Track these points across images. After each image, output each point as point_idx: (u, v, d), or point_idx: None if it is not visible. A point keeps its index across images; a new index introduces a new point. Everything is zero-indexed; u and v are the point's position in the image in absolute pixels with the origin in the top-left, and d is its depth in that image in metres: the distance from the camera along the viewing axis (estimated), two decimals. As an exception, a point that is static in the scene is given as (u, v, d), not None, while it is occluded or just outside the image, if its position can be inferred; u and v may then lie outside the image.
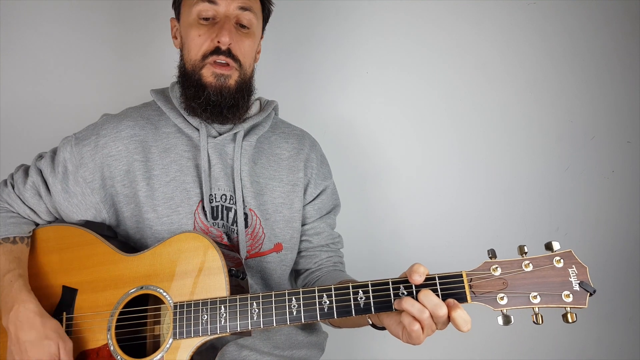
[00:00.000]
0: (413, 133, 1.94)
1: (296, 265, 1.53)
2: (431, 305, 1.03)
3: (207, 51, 1.34)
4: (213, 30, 1.34)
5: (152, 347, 1.28)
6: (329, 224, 1.53)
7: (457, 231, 1.92)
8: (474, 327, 1.05)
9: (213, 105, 1.35)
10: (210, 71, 1.34)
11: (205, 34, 1.34)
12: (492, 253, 1.07)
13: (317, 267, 1.50)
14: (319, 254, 1.51)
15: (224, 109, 1.35)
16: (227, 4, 1.35)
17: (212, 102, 1.34)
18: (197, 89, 1.34)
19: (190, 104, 1.37)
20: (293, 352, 1.43)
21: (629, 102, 1.96)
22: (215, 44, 1.33)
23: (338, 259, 1.54)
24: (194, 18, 1.36)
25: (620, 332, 1.95)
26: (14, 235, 1.34)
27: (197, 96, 1.34)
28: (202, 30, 1.35)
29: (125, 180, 1.36)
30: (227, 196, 1.38)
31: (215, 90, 1.34)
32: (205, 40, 1.34)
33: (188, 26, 1.37)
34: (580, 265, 1.03)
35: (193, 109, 1.37)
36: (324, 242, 1.51)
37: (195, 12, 1.35)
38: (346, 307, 1.10)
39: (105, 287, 1.27)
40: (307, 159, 1.50)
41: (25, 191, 1.39)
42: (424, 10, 1.94)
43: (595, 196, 1.96)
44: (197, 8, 1.35)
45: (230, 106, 1.36)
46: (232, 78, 1.35)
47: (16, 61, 1.86)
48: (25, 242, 1.36)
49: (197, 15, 1.35)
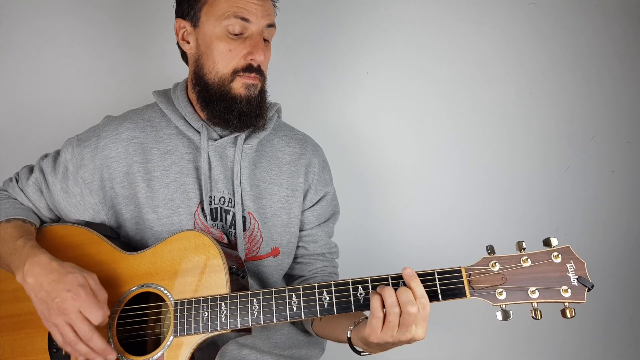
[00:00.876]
0: (413, 132, 1.95)
1: (291, 271, 1.53)
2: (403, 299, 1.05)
3: (239, 67, 1.35)
4: (244, 46, 1.35)
5: (153, 345, 1.28)
6: (326, 232, 1.53)
7: (457, 231, 1.92)
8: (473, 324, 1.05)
9: (244, 116, 1.37)
10: (241, 83, 1.35)
11: (236, 49, 1.34)
12: (490, 249, 1.08)
13: (311, 275, 1.51)
14: (314, 262, 1.51)
15: (252, 118, 1.38)
16: (259, 22, 1.35)
17: (244, 112, 1.36)
18: (229, 102, 1.36)
19: (224, 117, 1.37)
20: (293, 351, 1.43)
21: (629, 102, 1.97)
22: (248, 61, 1.35)
23: (333, 269, 1.54)
24: (222, 31, 1.34)
25: (620, 331, 1.95)
26: (23, 217, 1.36)
27: (231, 109, 1.36)
28: (232, 45, 1.34)
29: (124, 182, 1.37)
30: (226, 199, 1.39)
31: (246, 101, 1.36)
32: (235, 55, 1.35)
33: (216, 38, 1.35)
34: (578, 261, 1.03)
35: (228, 121, 1.37)
36: (320, 250, 1.51)
37: (224, 25, 1.34)
38: (346, 303, 1.11)
39: (106, 285, 1.26)
40: (309, 164, 1.50)
41: (28, 186, 1.41)
42: (423, 10, 1.94)
43: (595, 196, 1.96)
44: (228, 22, 1.34)
45: (257, 115, 1.38)
46: (257, 88, 1.37)
47: (17, 62, 1.87)
48: (33, 227, 1.37)
49: (226, 29, 1.34)
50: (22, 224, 1.34)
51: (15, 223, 1.34)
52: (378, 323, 1.07)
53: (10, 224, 1.33)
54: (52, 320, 1.17)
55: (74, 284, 1.16)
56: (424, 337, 1.08)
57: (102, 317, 1.15)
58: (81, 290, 1.16)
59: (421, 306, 1.06)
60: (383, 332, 1.07)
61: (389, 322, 1.06)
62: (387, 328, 1.07)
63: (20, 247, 1.25)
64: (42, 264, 1.20)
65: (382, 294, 1.07)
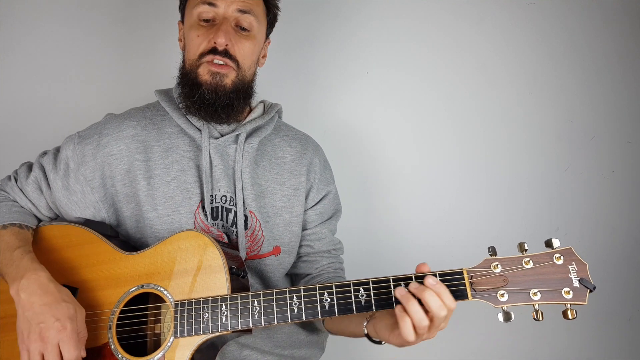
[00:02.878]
0: (413, 132, 1.94)
1: (297, 270, 1.53)
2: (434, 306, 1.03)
3: (204, 51, 1.36)
4: (211, 31, 1.36)
5: (153, 346, 1.28)
6: (330, 229, 1.54)
7: (457, 231, 1.92)
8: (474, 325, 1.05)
9: (207, 104, 1.36)
10: (207, 69, 1.35)
11: (204, 34, 1.36)
12: (492, 250, 1.08)
13: (318, 273, 1.51)
14: (320, 260, 1.51)
15: (218, 108, 1.37)
16: (226, 5, 1.36)
17: (207, 100, 1.35)
18: (191, 87, 1.36)
19: (185, 102, 1.39)
20: (293, 351, 1.43)
21: (629, 102, 1.97)
22: (212, 44, 1.35)
23: (339, 265, 1.54)
24: (194, 20, 1.38)
25: (620, 332, 1.95)
26: (19, 222, 1.35)
27: (192, 94, 1.36)
28: (200, 31, 1.37)
29: (125, 180, 1.37)
30: (227, 197, 1.38)
31: (210, 88, 1.35)
32: (203, 40, 1.36)
33: (189, 27, 1.39)
34: (580, 262, 1.03)
35: (188, 107, 1.39)
36: (325, 248, 1.52)
37: (195, 14, 1.37)
38: (347, 305, 1.11)
39: (105, 285, 1.27)
40: (310, 164, 1.50)
41: (27, 185, 1.40)
42: (423, 10, 1.94)
43: (595, 196, 1.96)
44: (198, 10, 1.37)
45: (225, 106, 1.37)
46: (228, 77, 1.36)
47: (17, 61, 1.86)
48: (30, 231, 1.36)
49: (198, 17, 1.37)
50: (19, 231, 1.33)
51: (12, 230, 1.33)
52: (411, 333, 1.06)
53: (7, 230, 1.32)
54: (27, 343, 1.16)
55: (64, 314, 1.16)
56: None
57: (76, 357, 1.15)
58: (68, 324, 1.16)
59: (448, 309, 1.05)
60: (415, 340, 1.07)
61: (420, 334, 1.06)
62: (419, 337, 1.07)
63: (17, 259, 1.25)
64: (40, 283, 1.20)
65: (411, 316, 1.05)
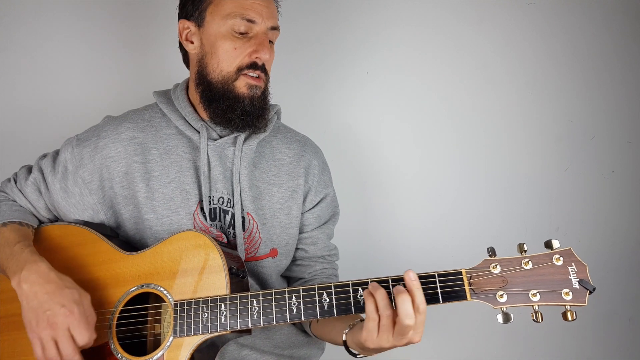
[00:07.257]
0: (413, 132, 1.95)
1: (290, 273, 1.53)
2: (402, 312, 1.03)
3: (243, 65, 1.36)
4: (249, 44, 1.36)
5: (152, 346, 1.28)
6: (326, 234, 1.53)
7: (457, 232, 1.92)
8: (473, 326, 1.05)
9: (247, 115, 1.37)
10: (244, 82, 1.36)
11: (241, 47, 1.36)
12: (491, 251, 1.08)
13: (310, 278, 1.50)
14: (313, 265, 1.51)
15: (255, 118, 1.38)
16: (264, 23, 1.37)
17: (247, 112, 1.37)
18: (232, 100, 1.36)
19: (227, 116, 1.38)
20: (293, 351, 1.43)
21: (629, 102, 1.97)
22: (252, 59, 1.36)
23: (332, 271, 1.54)
24: (227, 30, 1.36)
25: (620, 332, 1.95)
26: (19, 220, 1.35)
27: (233, 107, 1.36)
28: (238, 44, 1.36)
29: (123, 182, 1.37)
30: (225, 199, 1.39)
31: (249, 100, 1.37)
32: (240, 53, 1.36)
33: (221, 37, 1.36)
34: (579, 263, 1.03)
35: (230, 120, 1.38)
36: (319, 253, 1.51)
37: (229, 24, 1.35)
38: (346, 305, 1.11)
39: (105, 285, 1.27)
40: (309, 166, 1.50)
41: (27, 186, 1.41)
42: (423, 10, 1.94)
43: (595, 196, 1.96)
44: (234, 22, 1.35)
45: (259, 116, 1.39)
46: (260, 89, 1.39)
47: (17, 62, 1.86)
48: (31, 229, 1.36)
49: (232, 28, 1.36)
50: (19, 227, 1.34)
51: (13, 227, 1.33)
52: (374, 326, 1.06)
53: (7, 227, 1.32)
54: (37, 331, 1.15)
55: (69, 299, 1.16)
56: (420, 340, 1.07)
57: (88, 340, 1.15)
58: (75, 308, 1.15)
59: (418, 314, 1.04)
60: (379, 337, 1.06)
61: (382, 325, 1.05)
62: (382, 332, 1.06)
63: (17, 252, 1.24)
64: (41, 272, 1.19)
65: (375, 297, 1.06)
